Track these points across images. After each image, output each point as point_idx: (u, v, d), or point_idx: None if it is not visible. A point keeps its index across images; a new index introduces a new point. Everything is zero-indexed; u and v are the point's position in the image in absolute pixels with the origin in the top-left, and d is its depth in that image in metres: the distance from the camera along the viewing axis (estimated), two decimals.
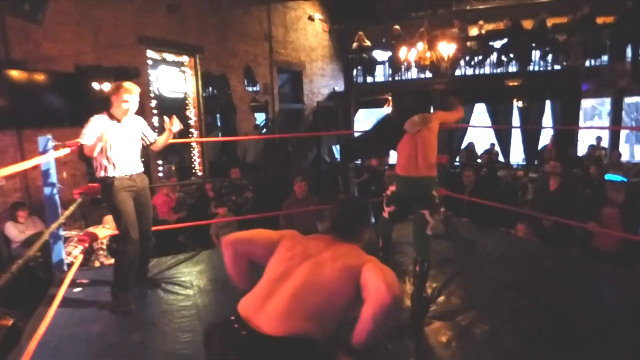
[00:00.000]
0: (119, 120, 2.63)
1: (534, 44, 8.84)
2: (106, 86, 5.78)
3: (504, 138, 9.78)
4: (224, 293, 2.89)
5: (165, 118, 2.85)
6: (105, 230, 3.62)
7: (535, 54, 8.88)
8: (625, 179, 3.94)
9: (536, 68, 8.91)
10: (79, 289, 2.89)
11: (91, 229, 3.77)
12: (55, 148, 2.83)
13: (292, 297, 1.24)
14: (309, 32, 10.78)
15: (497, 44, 9.32)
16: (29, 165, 2.39)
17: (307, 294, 1.25)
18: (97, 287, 2.91)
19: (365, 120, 16.05)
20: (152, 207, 2.93)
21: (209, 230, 5.09)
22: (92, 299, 2.76)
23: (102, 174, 2.60)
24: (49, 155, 2.79)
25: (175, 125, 2.82)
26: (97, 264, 3.73)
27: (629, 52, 8.01)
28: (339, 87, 11.75)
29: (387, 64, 10.55)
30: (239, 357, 1.19)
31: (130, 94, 2.60)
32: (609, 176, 3.92)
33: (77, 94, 5.36)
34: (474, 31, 9.75)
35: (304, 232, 1.58)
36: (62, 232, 3.17)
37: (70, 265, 3.09)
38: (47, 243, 3.01)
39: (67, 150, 2.80)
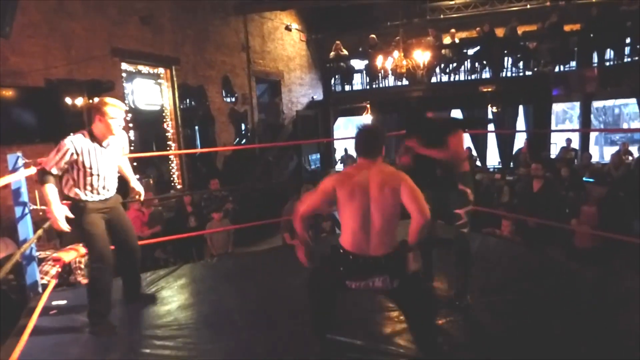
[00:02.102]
0: (100, 141, 2.45)
1: (505, 51, 9.14)
2: (79, 100, 5.65)
3: (480, 142, 10.03)
4: (206, 307, 2.83)
5: (138, 189, 2.84)
6: (80, 249, 3.49)
7: (508, 61, 9.18)
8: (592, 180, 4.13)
9: (509, 74, 9.20)
10: (55, 311, 2.78)
11: (69, 248, 3.64)
12: (26, 166, 2.73)
13: (382, 230, 1.88)
14: (287, 42, 10.84)
15: (471, 51, 9.59)
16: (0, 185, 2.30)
17: (386, 224, 1.88)
18: (74, 308, 2.79)
19: (344, 128, 16.19)
20: (129, 220, 2.82)
21: (191, 243, 5.02)
22: (69, 320, 2.65)
23: (73, 194, 2.44)
24: (19, 173, 2.69)
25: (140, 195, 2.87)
26: (82, 281, 3.60)
27: (595, 58, 8.37)
28: (318, 96, 11.82)
29: (364, 72, 10.70)
30: (374, 273, 1.87)
31: (115, 115, 2.42)
32: (586, 179, 4.10)
33: (49, 109, 5.21)
34: (447, 39, 10.00)
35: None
36: (36, 253, 3.05)
37: (47, 285, 2.96)
38: (20, 265, 2.89)
39: (31, 170, 2.66)
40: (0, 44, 4.78)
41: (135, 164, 6.62)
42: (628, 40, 8.05)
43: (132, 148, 6.73)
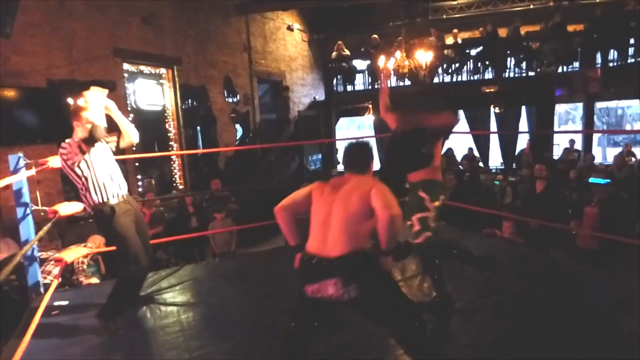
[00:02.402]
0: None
1: (508, 52, 9.11)
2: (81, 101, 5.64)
3: (482, 143, 9.99)
4: (208, 308, 2.82)
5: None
6: (82, 249, 3.49)
7: (510, 61, 9.15)
8: (609, 181, 4.09)
9: (511, 75, 9.17)
10: (57, 311, 2.77)
11: (73, 247, 3.64)
12: (27, 166, 2.72)
13: (340, 228, 1.80)
14: (289, 42, 10.82)
15: (473, 51, 9.56)
16: (0, 186, 2.29)
17: (346, 223, 1.80)
18: (76, 309, 2.79)
19: (346, 128, 16.18)
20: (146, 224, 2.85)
21: (192, 244, 5.01)
22: (71, 321, 2.65)
23: (97, 200, 2.43)
24: (20, 174, 2.68)
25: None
26: (84, 281, 3.59)
27: (598, 58, 8.33)
28: (320, 96, 11.80)
29: (366, 72, 10.67)
30: (326, 276, 1.75)
31: (89, 108, 2.47)
32: (593, 179, 4.07)
33: (50, 109, 5.20)
34: (449, 40, 9.98)
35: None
36: (38, 254, 3.04)
37: (49, 284, 2.95)
38: (22, 265, 2.89)
39: (33, 171, 2.67)
40: (1, 44, 4.78)
41: (137, 164, 6.64)
42: (632, 41, 8.01)
43: (134, 148, 6.75)
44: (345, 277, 1.73)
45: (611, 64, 8.26)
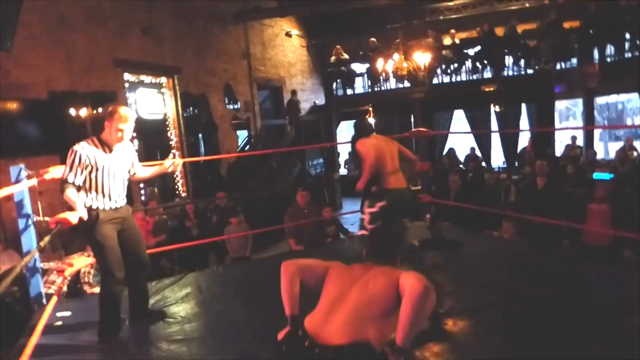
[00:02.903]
0: (110, 147, 2.42)
1: (506, 50, 9.11)
2: (82, 112, 5.68)
3: (483, 142, 9.97)
4: (212, 317, 2.80)
5: (172, 161, 2.74)
6: (85, 259, 3.49)
7: (509, 60, 9.15)
8: (612, 175, 4.06)
9: (510, 73, 9.17)
10: (60, 322, 2.76)
11: (75, 256, 3.64)
12: (29, 177, 2.73)
13: (351, 311, 1.50)
14: (287, 48, 10.88)
15: (471, 51, 9.57)
16: (0, 196, 2.29)
17: (361, 307, 1.50)
18: (78, 320, 2.78)
19: (347, 132, 16.18)
20: (140, 233, 2.76)
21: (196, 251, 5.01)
22: (73, 332, 2.64)
23: (86, 204, 2.38)
24: (22, 185, 2.69)
25: (176, 165, 2.73)
26: (88, 290, 3.59)
27: (596, 54, 8.33)
28: (320, 100, 11.84)
29: (365, 75, 10.71)
30: None
31: (126, 122, 2.39)
32: (597, 174, 4.03)
33: (52, 121, 5.24)
34: (447, 40, 10.00)
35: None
36: (40, 264, 3.04)
37: (52, 294, 2.94)
38: (24, 276, 2.88)
39: (34, 182, 2.66)
40: (2, 57, 4.82)
41: None
42: (628, 36, 8.00)
43: (136, 158, 6.72)
44: None
45: (608, 59, 8.25)
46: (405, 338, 1.42)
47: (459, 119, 11.40)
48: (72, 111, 5.59)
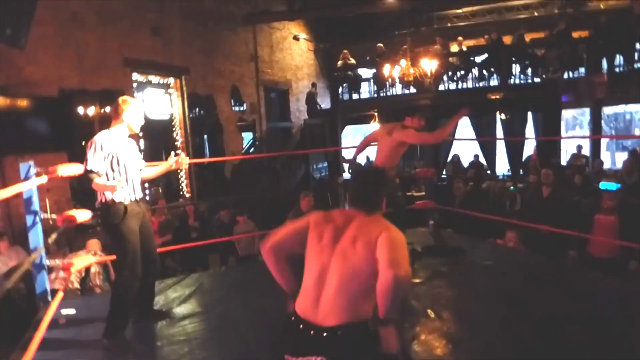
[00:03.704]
0: (123, 138, 2.48)
1: (513, 58, 9.10)
2: (91, 110, 5.74)
3: (488, 150, 9.94)
4: (214, 317, 2.81)
5: (181, 153, 2.75)
6: (90, 257, 3.52)
7: (516, 68, 9.14)
8: (619, 186, 4.04)
9: (517, 81, 9.15)
10: (64, 320, 2.78)
11: (81, 253, 3.67)
12: (38, 174, 2.76)
13: (337, 289, 1.43)
14: (295, 52, 10.93)
15: (478, 59, 9.57)
16: (10, 194, 2.32)
17: (346, 282, 1.43)
18: (82, 317, 2.80)
19: (352, 136, 16.20)
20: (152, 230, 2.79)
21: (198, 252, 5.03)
22: (77, 330, 2.66)
23: (111, 197, 2.35)
24: (30, 182, 2.71)
25: (180, 162, 2.71)
26: (97, 289, 3.62)
27: (604, 64, 8.30)
28: (326, 104, 11.86)
29: (372, 80, 10.72)
30: (311, 351, 1.38)
31: (140, 107, 2.52)
32: (603, 184, 4.00)
33: (62, 118, 5.29)
34: (454, 47, 10.01)
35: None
36: (46, 261, 3.07)
37: (60, 290, 2.97)
38: (30, 273, 2.91)
39: (43, 179, 2.68)
40: (16, 55, 4.89)
41: None
42: (638, 47, 7.97)
43: (141, 157, 6.77)
44: (335, 355, 1.37)
45: (617, 69, 8.22)
46: (387, 313, 1.39)
47: (464, 126, 11.37)
48: (81, 109, 5.65)
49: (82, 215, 2.82)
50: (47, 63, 5.36)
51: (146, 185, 6.77)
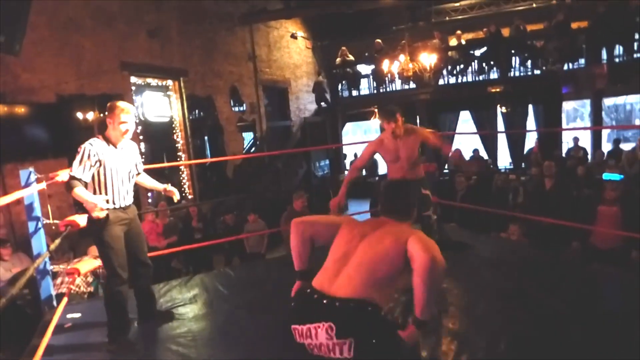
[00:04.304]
0: (115, 145, 2.45)
1: (513, 51, 9.06)
2: (90, 115, 5.73)
3: (490, 143, 9.91)
4: (220, 318, 2.81)
5: (171, 189, 2.81)
6: (94, 261, 3.52)
7: (515, 60, 9.09)
8: (622, 176, 4.03)
9: (517, 74, 9.11)
10: (69, 324, 2.79)
11: (85, 258, 3.68)
12: (38, 181, 2.75)
13: (357, 269, 1.51)
14: (293, 50, 10.90)
15: (477, 52, 9.53)
16: (10, 200, 2.32)
17: (368, 266, 1.51)
18: (88, 321, 2.80)
19: (353, 133, 16.19)
20: (144, 234, 2.79)
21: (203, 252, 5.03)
22: (83, 333, 2.66)
23: (93, 204, 2.35)
24: (31, 188, 2.71)
25: (175, 195, 2.80)
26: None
27: (604, 54, 8.25)
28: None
29: (371, 77, 10.70)
30: (321, 318, 1.45)
31: (128, 113, 2.44)
32: (607, 175, 4.00)
33: (60, 124, 5.28)
34: (453, 41, 9.97)
35: None
36: (50, 267, 3.07)
37: (74, 293, 2.97)
38: (34, 279, 2.91)
39: (43, 185, 2.68)
40: (12, 61, 4.88)
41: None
42: (637, 36, 7.92)
43: (142, 160, 6.78)
44: (343, 324, 1.42)
45: (617, 60, 8.17)
46: (424, 310, 1.46)
47: (465, 120, 11.35)
48: (80, 114, 5.64)
49: (84, 220, 2.81)
50: (44, 69, 5.34)
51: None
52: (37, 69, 5.26)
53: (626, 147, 9.37)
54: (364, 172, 8.83)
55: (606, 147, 10.48)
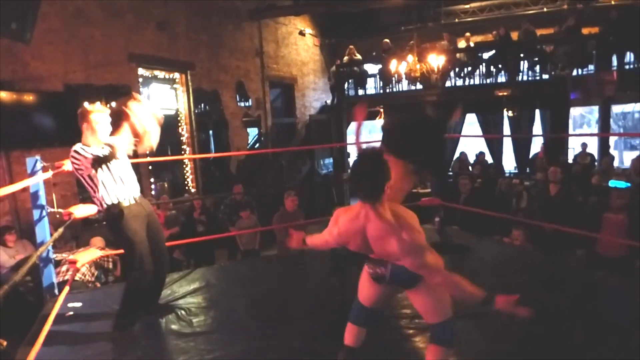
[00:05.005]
0: (97, 145, 2.42)
1: (522, 55, 8.99)
2: (97, 105, 5.74)
3: (495, 147, 9.85)
4: (219, 312, 2.82)
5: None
6: (96, 251, 3.53)
7: (524, 65, 9.03)
8: (629, 184, 3.99)
9: (525, 78, 9.05)
10: (71, 313, 2.80)
11: (81, 250, 3.69)
12: (44, 169, 2.77)
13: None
14: (300, 47, 10.88)
15: (486, 55, 9.47)
16: (17, 188, 2.33)
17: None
18: (89, 311, 2.82)
19: None
20: (162, 228, 2.82)
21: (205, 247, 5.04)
22: (83, 323, 2.67)
23: (108, 202, 2.42)
24: (37, 176, 2.73)
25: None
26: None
27: (614, 61, 8.18)
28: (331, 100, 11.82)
29: (377, 76, 10.65)
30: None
31: (104, 113, 2.47)
32: (613, 182, 3.96)
33: (67, 113, 5.26)
34: (462, 43, 9.91)
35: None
36: (53, 255, 3.09)
37: (79, 281, 3.00)
38: (37, 267, 2.93)
39: (49, 174, 2.70)
40: (21, 49, 4.90)
41: (150, 167, 6.72)
42: None
43: (147, 152, 6.79)
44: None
45: (627, 67, 8.09)
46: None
47: (471, 123, 11.29)
48: (87, 104, 5.65)
49: (82, 210, 2.84)
50: (53, 58, 5.37)
51: (152, 180, 6.82)
52: (46, 57, 5.29)
53: (633, 155, 9.31)
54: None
55: (614, 154, 10.42)
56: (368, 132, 17.45)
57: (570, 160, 8.63)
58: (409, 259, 1.55)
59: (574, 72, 8.54)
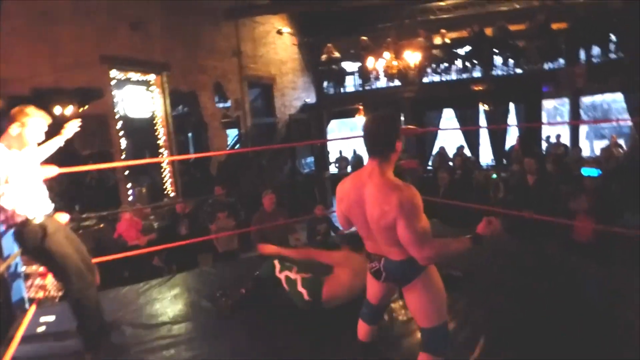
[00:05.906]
0: (18, 150, 2.23)
1: (495, 50, 9.19)
2: (69, 110, 5.56)
3: (472, 140, 10.05)
4: (201, 318, 2.77)
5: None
6: None
7: (498, 59, 9.24)
8: (600, 172, 4.13)
9: (499, 73, 9.25)
10: (43, 327, 2.70)
11: None
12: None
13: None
14: (278, 46, 10.80)
15: (461, 51, 9.64)
16: None
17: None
18: (62, 323, 2.72)
19: (338, 130, 16.20)
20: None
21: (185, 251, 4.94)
22: (57, 336, 2.58)
23: (22, 215, 2.16)
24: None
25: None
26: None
27: (582, 55, 8.47)
28: (311, 99, 11.79)
29: (356, 74, 10.70)
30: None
31: (46, 120, 2.33)
32: (585, 170, 4.09)
33: None
34: (437, 40, 10.05)
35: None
36: (22, 268, 2.97)
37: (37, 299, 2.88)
38: (5, 281, 2.81)
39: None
40: None
41: (127, 172, 6.55)
42: (613, 38, 8.16)
43: (123, 157, 6.65)
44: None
45: (594, 60, 8.39)
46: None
47: (449, 118, 11.48)
48: (58, 109, 5.46)
49: None
50: (18, 60, 5.14)
51: (128, 186, 6.64)
52: (10, 59, 5.04)
53: (603, 144, 9.64)
54: None
55: (584, 144, 10.78)
56: (349, 130, 17.54)
57: (544, 152, 8.88)
58: (403, 221, 1.53)
59: (546, 66, 8.78)
